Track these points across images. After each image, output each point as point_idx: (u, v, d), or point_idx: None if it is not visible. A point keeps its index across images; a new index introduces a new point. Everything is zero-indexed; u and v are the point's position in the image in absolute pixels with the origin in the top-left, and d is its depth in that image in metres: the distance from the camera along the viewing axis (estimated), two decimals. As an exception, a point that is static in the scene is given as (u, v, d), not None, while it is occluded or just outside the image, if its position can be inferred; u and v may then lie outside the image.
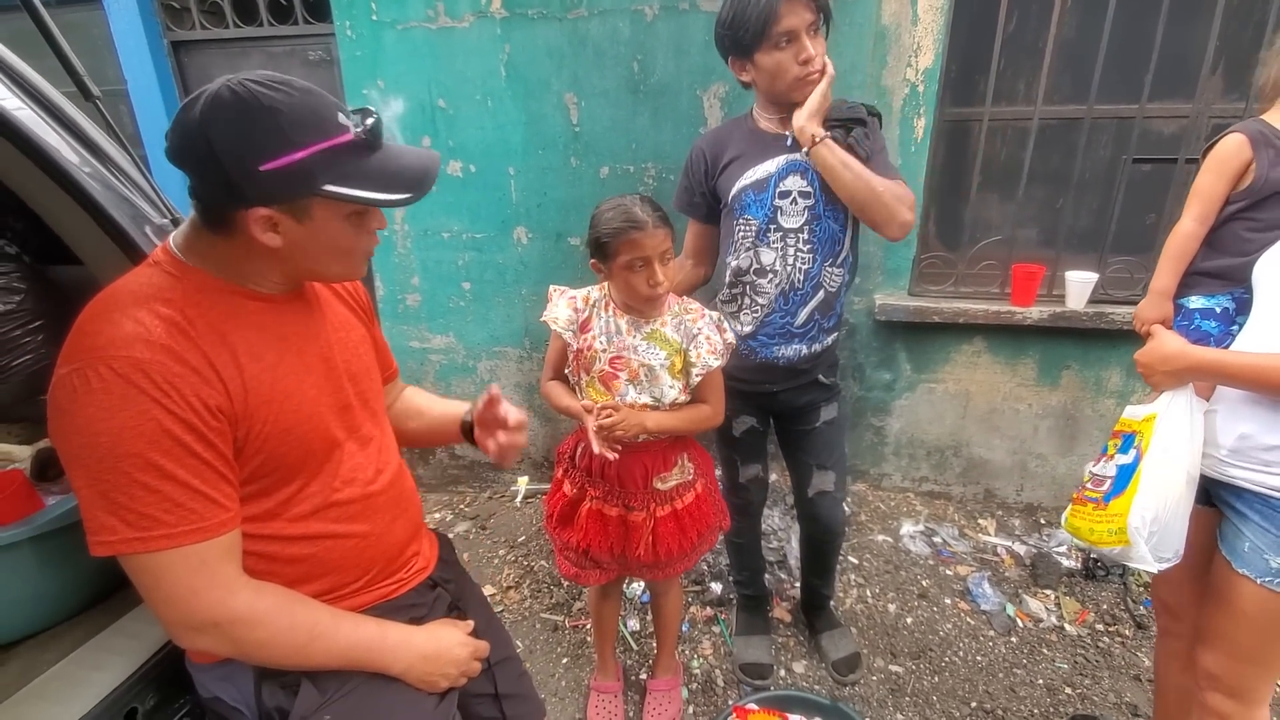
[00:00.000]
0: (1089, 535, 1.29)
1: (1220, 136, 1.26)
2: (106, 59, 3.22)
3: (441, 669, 1.04)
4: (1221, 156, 1.25)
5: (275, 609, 0.90)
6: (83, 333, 0.81)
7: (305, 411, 0.95)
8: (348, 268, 0.97)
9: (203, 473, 0.83)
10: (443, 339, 2.96)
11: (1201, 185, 1.28)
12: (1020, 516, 2.74)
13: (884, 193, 1.48)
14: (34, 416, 1.67)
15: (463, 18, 2.46)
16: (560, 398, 1.53)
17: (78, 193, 1.21)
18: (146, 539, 0.80)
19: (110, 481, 0.78)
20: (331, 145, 0.83)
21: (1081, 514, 1.33)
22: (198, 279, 0.89)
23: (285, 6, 2.90)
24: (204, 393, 0.82)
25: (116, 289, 0.86)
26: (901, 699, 1.93)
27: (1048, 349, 2.52)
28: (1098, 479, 1.32)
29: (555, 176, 2.60)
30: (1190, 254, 1.32)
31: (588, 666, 2.04)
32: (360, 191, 0.85)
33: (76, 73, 1.27)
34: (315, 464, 0.98)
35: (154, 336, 0.80)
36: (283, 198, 0.83)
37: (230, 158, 0.79)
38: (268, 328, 0.93)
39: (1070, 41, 2.31)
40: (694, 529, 1.57)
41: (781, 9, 1.39)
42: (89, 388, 0.77)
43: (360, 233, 0.93)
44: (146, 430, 0.78)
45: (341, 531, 1.01)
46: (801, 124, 1.47)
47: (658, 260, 1.36)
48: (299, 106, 0.82)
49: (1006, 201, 2.51)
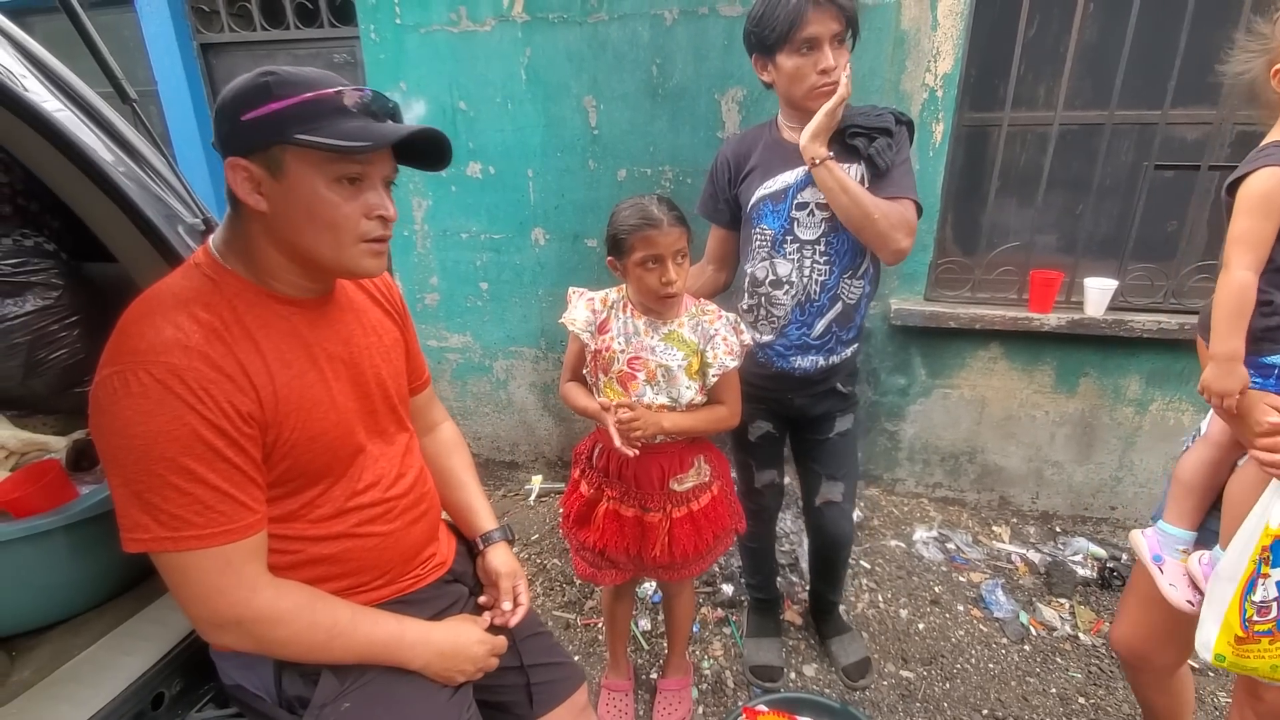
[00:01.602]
0: (1273, 674, 1.06)
1: (1246, 174, 1.10)
2: (138, 60, 3.29)
3: (459, 665, 1.06)
4: (1263, 195, 1.07)
5: (297, 608, 0.93)
6: (125, 334, 0.84)
7: (332, 419, 0.98)
8: (338, 247, 0.90)
9: (232, 476, 0.86)
10: (460, 338, 2.99)
11: (1246, 230, 1.09)
12: (1035, 524, 2.72)
13: (880, 219, 1.47)
14: (69, 408, 1.72)
15: (484, 21, 2.49)
16: (578, 399, 1.55)
17: (113, 192, 1.25)
18: (177, 539, 0.83)
19: (145, 482, 0.81)
20: (309, 99, 0.84)
21: (1259, 652, 1.07)
22: (234, 283, 0.92)
23: (311, 10, 2.95)
24: (237, 399, 0.85)
25: (159, 290, 0.89)
26: (912, 704, 1.93)
27: (1065, 356, 2.50)
28: (1264, 607, 1.05)
29: (573, 179, 2.63)
30: (1251, 307, 1.11)
31: (599, 665, 2.06)
32: (322, 139, 0.83)
33: (115, 76, 1.31)
34: (339, 468, 1.01)
35: (192, 342, 0.83)
36: (255, 146, 0.85)
37: (224, 112, 0.86)
38: (298, 334, 0.96)
39: (1092, 46, 2.30)
40: (710, 531, 1.58)
41: (810, 14, 1.39)
42: (128, 391, 0.80)
43: (349, 207, 0.89)
44: (180, 435, 0.81)
45: (362, 533, 1.04)
46: (804, 143, 1.47)
47: (671, 259, 1.37)
48: (295, 74, 0.86)
49: (1025, 207, 2.50)
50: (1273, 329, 1.10)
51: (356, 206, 0.90)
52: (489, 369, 3.03)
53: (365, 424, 1.05)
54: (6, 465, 1.50)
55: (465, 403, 3.12)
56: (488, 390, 3.08)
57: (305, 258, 0.93)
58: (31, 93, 1.18)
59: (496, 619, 1.18)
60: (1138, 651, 1.44)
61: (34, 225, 1.77)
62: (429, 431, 1.33)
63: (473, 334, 2.97)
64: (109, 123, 1.36)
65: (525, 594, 1.23)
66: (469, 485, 1.32)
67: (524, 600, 1.21)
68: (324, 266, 0.94)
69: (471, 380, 3.07)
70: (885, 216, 1.48)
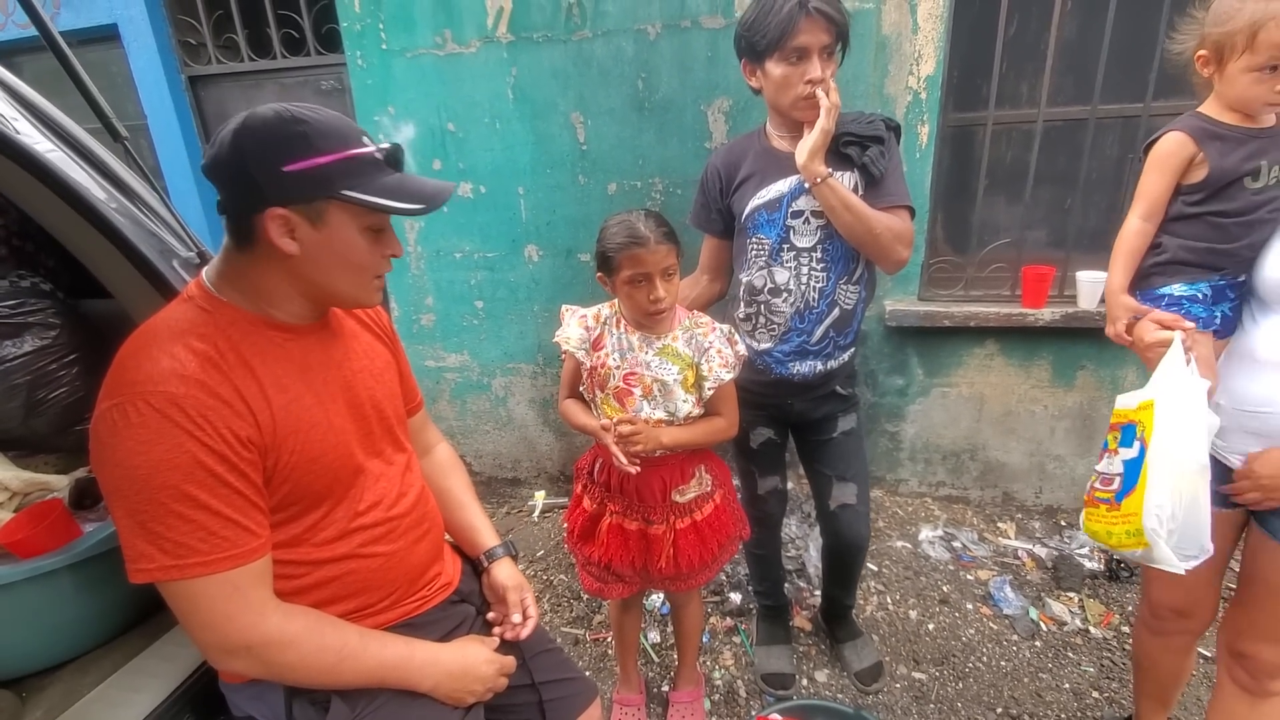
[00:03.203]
0: (1108, 539, 1.23)
1: (1160, 135, 1.28)
2: (127, 95, 3.31)
3: (468, 686, 1.06)
4: (1163, 155, 1.26)
5: (305, 631, 0.93)
6: (123, 367, 0.85)
7: (331, 440, 0.99)
8: (358, 287, 0.98)
9: (235, 501, 0.86)
10: (457, 357, 3.00)
11: (1146, 184, 1.29)
12: (1040, 519, 2.72)
13: (882, 234, 1.49)
14: (70, 446, 1.72)
15: (469, 43, 2.51)
16: (577, 416, 1.55)
17: (107, 229, 1.26)
18: (183, 566, 0.83)
19: (148, 512, 0.82)
20: (352, 155, 0.89)
21: (1096, 516, 1.26)
22: (228, 313, 0.93)
23: (297, 39, 2.97)
24: (235, 425, 0.86)
25: (154, 324, 0.90)
26: (925, 706, 1.92)
27: (1061, 350, 2.51)
28: (1105, 477, 1.25)
29: (564, 195, 2.65)
30: (1142, 250, 1.33)
31: (609, 680, 2.05)
32: (377, 199, 0.89)
33: (105, 114, 1.32)
34: (340, 490, 1.01)
35: (188, 371, 0.84)
36: (301, 198, 0.88)
37: (256, 160, 0.86)
38: (293, 359, 0.97)
39: (1072, 42, 2.32)
40: (714, 540, 1.58)
41: (802, 24, 1.40)
42: (128, 422, 0.81)
43: (373, 251, 0.97)
44: (181, 463, 0.82)
45: (366, 554, 1.04)
46: (803, 163, 1.47)
47: (659, 276, 1.37)
48: (325, 122, 0.89)
49: (1014, 204, 2.52)
50: (1160, 264, 1.29)
51: (378, 250, 0.97)
52: (488, 387, 3.03)
53: (363, 445, 1.06)
54: (10, 506, 1.50)
55: (465, 421, 3.12)
56: (487, 408, 3.08)
57: (322, 293, 0.98)
58: (23, 135, 1.20)
59: (507, 633, 1.18)
60: (1181, 609, 1.44)
61: (30, 265, 1.78)
62: (425, 454, 1.34)
63: (470, 352, 2.98)
64: (100, 160, 1.37)
65: (534, 606, 1.23)
66: (469, 505, 1.32)
67: (532, 612, 1.22)
68: (338, 301, 1.01)
69: (471, 399, 3.08)
70: (888, 230, 1.49)
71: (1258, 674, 1.29)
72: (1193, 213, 1.25)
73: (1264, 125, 1.21)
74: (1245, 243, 1.20)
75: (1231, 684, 1.35)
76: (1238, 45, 1.15)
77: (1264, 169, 1.18)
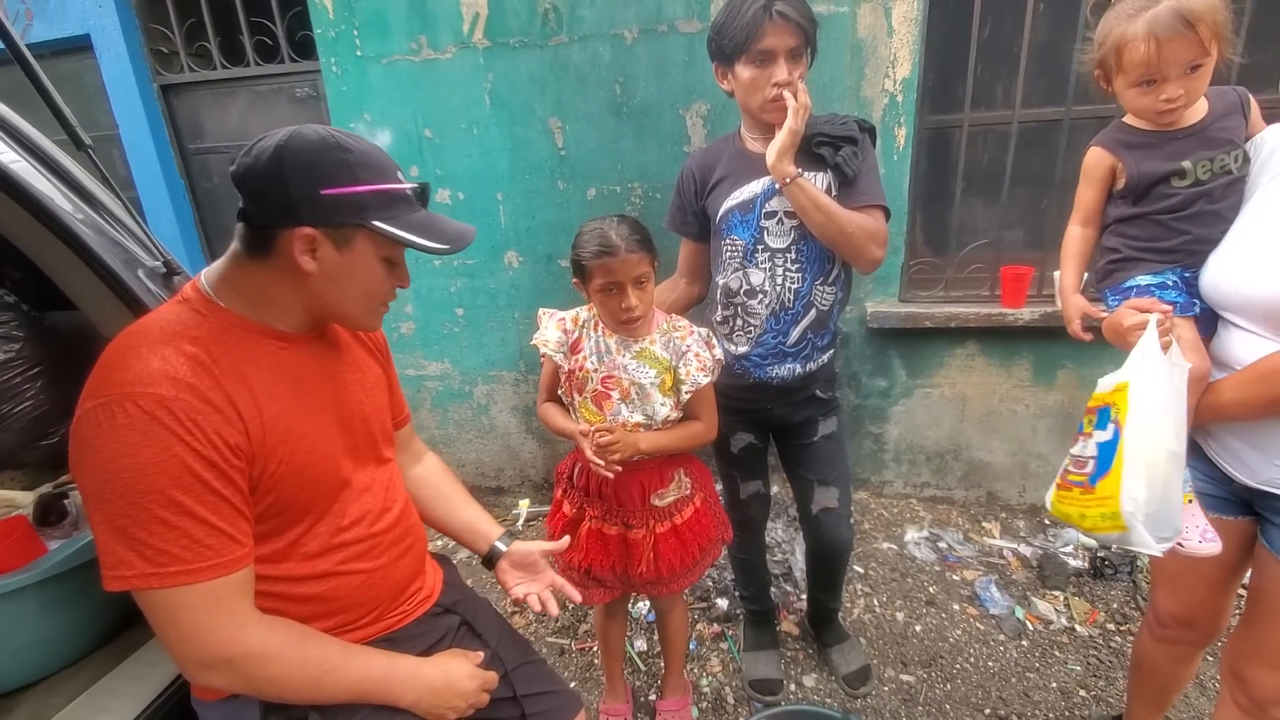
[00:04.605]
0: (1080, 521, 1.22)
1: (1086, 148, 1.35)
2: (99, 105, 3.26)
3: (450, 701, 1.04)
4: (1087, 168, 1.34)
5: (287, 645, 0.91)
6: (110, 367, 0.83)
7: (319, 452, 0.97)
8: (365, 312, 1.00)
9: (221, 509, 0.84)
10: (438, 365, 2.97)
11: (1079, 194, 1.37)
12: (1024, 518, 2.73)
13: (854, 233, 1.49)
14: (35, 461, 1.68)
15: (445, 49, 2.50)
16: (556, 420, 1.54)
17: (72, 240, 1.24)
18: (163, 574, 0.81)
19: (130, 517, 0.79)
20: (387, 190, 0.92)
21: (1069, 499, 1.25)
22: (224, 317, 0.92)
23: (271, 46, 2.94)
24: (225, 431, 0.84)
25: (145, 324, 0.89)
26: (914, 709, 1.91)
27: (1041, 349, 2.53)
28: (1079, 460, 1.23)
29: (543, 200, 2.63)
30: (1087, 251, 1.40)
31: (596, 690, 2.02)
32: (405, 234, 0.92)
33: (69, 124, 1.29)
34: (324, 503, 1.00)
35: (179, 374, 0.82)
36: (333, 222, 0.89)
37: (297, 178, 0.86)
38: (286, 368, 0.95)
39: (1044, 44, 2.35)
40: (695, 543, 1.57)
41: (767, 27, 1.41)
42: (114, 423, 0.78)
43: (387, 280, 0.99)
44: (169, 467, 0.80)
45: (348, 570, 1.02)
46: (772, 163, 1.48)
47: (630, 285, 1.37)
48: (367, 154, 0.91)
49: (991, 205, 2.54)
50: (1118, 261, 1.33)
51: (392, 280, 1.00)
52: (469, 395, 3.00)
53: (349, 458, 1.05)
54: (-28, 524, 1.46)
55: (447, 430, 3.09)
56: (469, 416, 3.05)
57: (329, 312, 0.99)
58: (-15, 146, 1.17)
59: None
60: (1183, 618, 1.43)
61: (-6, 278, 1.74)
62: (417, 461, 1.33)
63: (451, 360, 2.95)
64: (65, 171, 1.35)
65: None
66: (470, 504, 1.33)
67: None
68: (343, 321, 1.03)
69: (452, 407, 3.05)
70: (860, 229, 1.49)
71: (1260, 701, 1.25)
72: (1133, 213, 1.28)
73: (1187, 124, 1.22)
74: (1191, 236, 1.22)
75: (1233, 705, 1.30)
76: (1112, 66, 1.20)
77: (1189, 169, 1.20)
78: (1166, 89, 1.15)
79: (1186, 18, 1.08)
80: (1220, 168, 1.20)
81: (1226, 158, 1.19)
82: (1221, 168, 1.19)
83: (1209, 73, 1.15)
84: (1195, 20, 1.08)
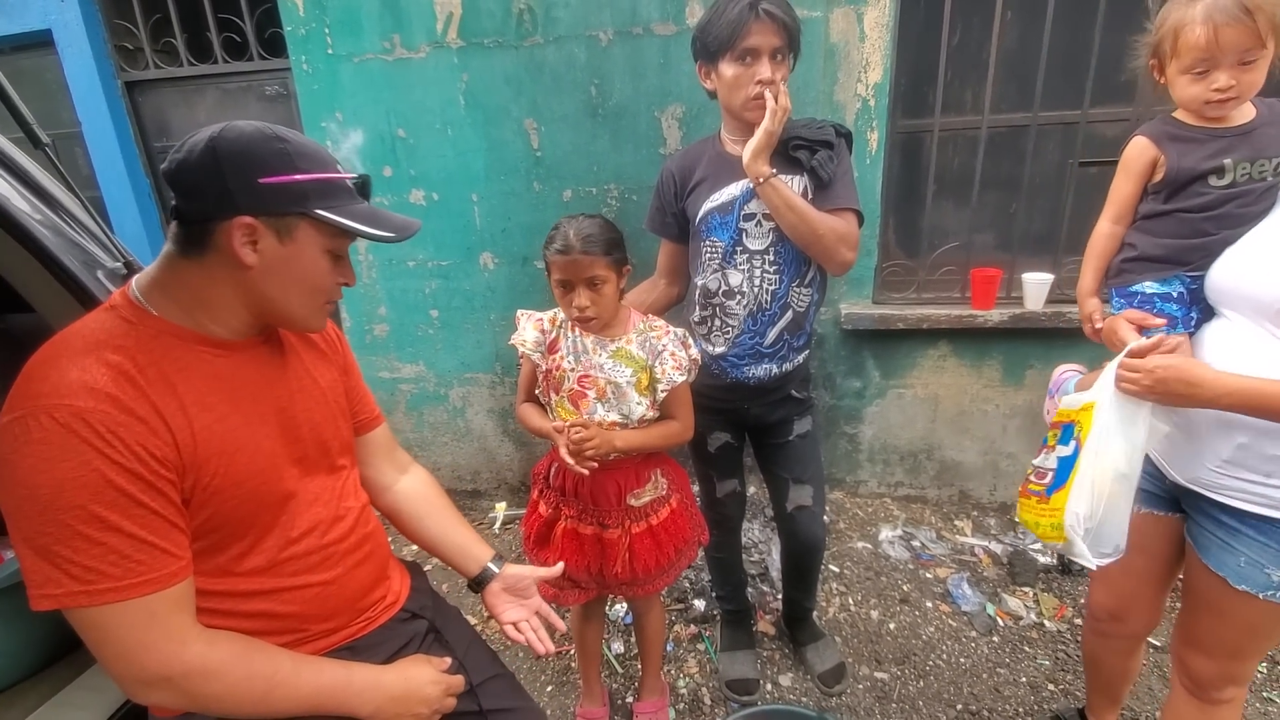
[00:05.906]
0: (1035, 529, 1.27)
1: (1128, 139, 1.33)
2: (61, 102, 3.18)
3: (411, 709, 1.01)
4: (1127, 160, 1.31)
5: (231, 659, 0.87)
6: (29, 379, 0.79)
7: (258, 464, 0.93)
8: (309, 310, 0.97)
9: (150, 522, 0.81)
10: (413, 368, 2.94)
11: (1114, 188, 1.35)
12: (995, 516, 2.78)
13: (826, 235, 1.50)
14: (-13, 470, 1.62)
15: (419, 49, 2.47)
16: (532, 419, 1.53)
17: (28, 241, 1.20)
18: (91, 592, 0.77)
19: (52, 534, 0.76)
20: (327, 179, 0.90)
21: (1028, 507, 1.31)
22: (153, 325, 0.88)
23: (239, 43, 2.89)
24: (150, 442, 0.80)
25: (68, 335, 0.85)
26: (888, 705, 1.93)
27: (1010, 350, 2.57)
28: (1040, 471, 1.29)
29: (519, 201, 2.62)
30: (1111, 253, 1.38)
31: (573, 693, 2.01)
32: (348, 221, 0.90)
33: (25, 121, 1.25)
34: (268, 518, 0.96)
35: (98, 384, 0.79)
36: (273, 210, 0.86)
37: (233, 168, 0.84)
38: (221, 377, 0.92)
39: (1012, 51, 2.39)
40: (671, 544, 1.57)
41: (752, 26, 1.42)
42: (29, 438, 0.75)
43: (331, 275, 0.96)
44: (89, 481, 0.76)
45: (301, 583, 0.99)
46: (747, 163, 1.49)
47: (581, 285, 1.38)
48: (305, 145, 0.90)
49: (962, 208, 2.58)
50: (1131, 260, 1.33)
51: (335, 274, 0.97)
52: (445, 397, 2.97)
53: (295, 467, 1.01)
54: (-79, 535, 1.41)
55: (423, 433, 3.06)
56: (445, 419, 3.02)
57: (271, 310, 0.94)
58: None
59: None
60: (1116, 611, 1.49)
61: (-55, 278, 1.67)
62: (403, 473, 1.30)
63: (425, 363, 2.92)
64: (22, 170, 1.31)
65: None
66: (464, 522, 1.30)
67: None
68: (285, 320, 0.98)
69: (427, 410, 3.01)
70: (831, 231, 1.51)
71: (1200, 683, 1.31)
72: (1162, 210, 1.28)
73: (1234, 124, 1.22)
74: (1216, 237, 1.22)
75: (1180, 687, 1.36)
76: (1167, 50, 1.19)
77: (1229, 167, 1.20)
78: (1218, 78, 1.15)
79: (1246, 5, 1.08)
80: (1259, 172, 1.19)
81: (1267, 164, 1.19)
82: (1260, 172, 1.19)
83: (1263, 70, 1.15)
84: (1254, 9, 1.08)
